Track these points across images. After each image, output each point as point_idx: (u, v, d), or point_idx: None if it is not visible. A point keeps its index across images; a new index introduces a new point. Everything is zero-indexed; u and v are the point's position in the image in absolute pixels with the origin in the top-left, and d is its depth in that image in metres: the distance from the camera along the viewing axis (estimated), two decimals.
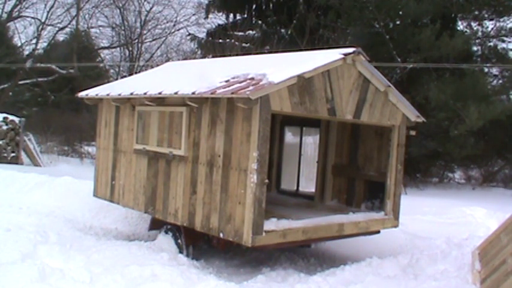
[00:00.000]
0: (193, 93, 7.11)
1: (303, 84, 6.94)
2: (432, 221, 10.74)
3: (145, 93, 7.98)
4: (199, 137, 7.41)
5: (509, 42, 18.47)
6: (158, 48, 33.47)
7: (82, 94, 9.58)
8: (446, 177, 20.49)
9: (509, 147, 18.62)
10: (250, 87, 6.58)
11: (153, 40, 32.82)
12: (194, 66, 9.35)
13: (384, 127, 8.42)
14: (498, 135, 17.35)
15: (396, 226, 8.56)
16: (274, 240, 6.98)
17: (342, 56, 7.30)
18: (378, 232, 8.44)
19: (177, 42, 33.21)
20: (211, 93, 6.85)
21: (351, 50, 7.44)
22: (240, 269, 7.74)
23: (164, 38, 32.45)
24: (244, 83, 6.93)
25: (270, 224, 6.96)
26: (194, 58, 23.06)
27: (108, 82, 16.20)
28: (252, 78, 7.00)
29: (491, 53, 18.36)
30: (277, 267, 7.61)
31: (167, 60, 27.69)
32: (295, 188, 10.17)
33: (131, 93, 8.27)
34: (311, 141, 10.06)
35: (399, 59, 17.17)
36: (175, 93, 7.41)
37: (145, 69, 27.57)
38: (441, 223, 10.54)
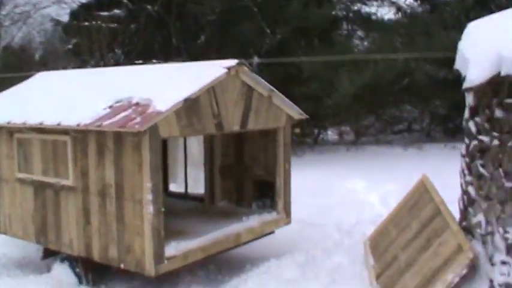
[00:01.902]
0: (77, 125, 6.80)
1: (189, 106, 6.81)
2: (318, 203, 11.02)
3: (24, 123, 7.55)
4: (88, 167, 7.13)
5: (372, 6, 19.12)
6: (19, 30, 31.53)
7: None
8: (321, 139, 21.18)
9: (378, 105, 19.42)
10: (138, 118, 6.38)
11: (13, 24, 30.83)
12: (69, 84, 8.90)
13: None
14: (369, 98, 17.99)
15: (289, 223, 8.73)
16: (176, 265, 6.92)
17: (226, 70, 7.20)
18: (273, 232, 8.58)
19: (39, 22, 31.38)
20: (98, 126, 6.58)
21: (232, 62, 7.36)
22: None
23: (24, 20, 30.53)
24: (129, 110, 6.71)
25: (170, 249, 6.87)
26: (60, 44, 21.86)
27: None
28: (137, 104, 6.79)
29: (356, 17, 18.91)
30: (180, 286, 7.57)
31: (29, 43, 26.24)
32: (183, 190, 10.09)
33: (8, 122, 7.78)
34: (195, 143, 9.98)
35: (269, 31, 17.29)
36: (58, 124, 7.05)
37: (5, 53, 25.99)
38: (327, 205, 10.85)
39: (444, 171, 13.13)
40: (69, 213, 7.46)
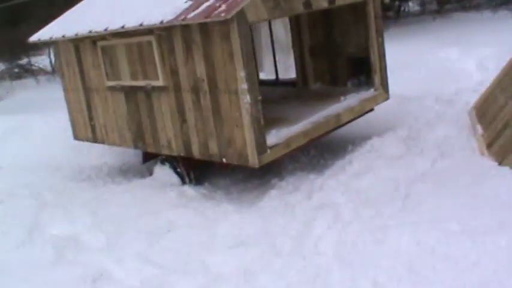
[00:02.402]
0: (161, 22, 6.46)
1: None
2: (413, 76, 10.47)
3: (106, 29, 7.27)
4: (176, 64, 6.84)
5: None
6: None
7: (33, 39, 8.75)
8: (403, 11, 20.17)
9: None
10: (223, 6, 5.97)
11: None
12: None
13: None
14: None
15: (387, 99, 8.28)
16: (280, 153, 6.68)
17: None
18: (372, 110, 8.18)
19: None
20: (182, 20, 6.22)
21: None
22: (247, 183, 7.48)
23: None
24: (212, 1, 6.30)
25: (272, 138, 6.62)
26: None
27: None
28: None
29: None
30: (284, 175, 7.36)
31: None
32: (274, 77, 9.73)
33: (90, 31, 7.52)
34: (281, 27, 9.52)
35: None
36: (140, 24, 6.73)
37: None
38: (423, 77, 10.28)
39: None
40: (163, 114, 7.27)
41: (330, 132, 7.46)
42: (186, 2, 6.56)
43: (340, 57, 8.69)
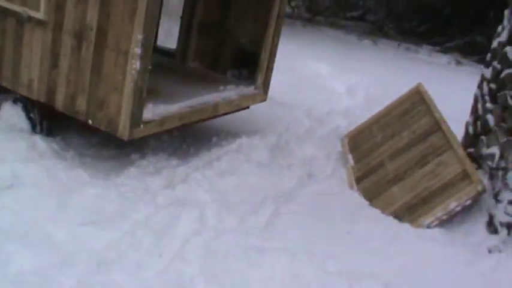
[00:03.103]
0: None
1: None
2: (284, 81, 10.16)
3: None
4: (66, 0, 5.95)
5: None
6: None
7: None
8: None
9: None
10: None
11: None
12: None
13: None
14: None
15: (265, 100, 7.93)
16: (151, 131, 6.06)
17: None
18: (248, 108, 7.77)
19: None
20: None
21: None
22: (103, 150, 6.71)
23: None
24: None
25: (147, 113, 5.95)
26: None
27: None
28: None
29: None
30: (145, 151, 6.70)
31: None
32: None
33: None
34: None
35: None
36: None
37: None
38: (293, 85, 10.04)
39: (403, 74, 12.71)
40: (32, 51, 6.31)
41: (204, 121, 6.95)
42: None
43: (227, 44, 8.17)
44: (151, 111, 6.05)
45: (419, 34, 19.93)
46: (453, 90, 11.28)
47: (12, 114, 6.59)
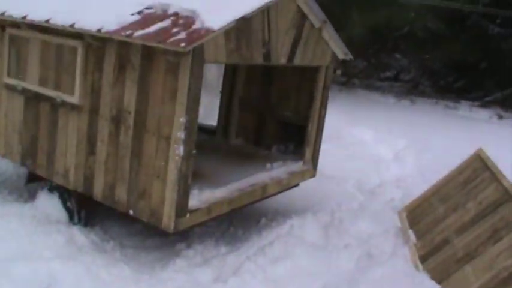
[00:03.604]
0: (99, 30, 5.12)
1: (241, 27, 5.22)
2: (328, 150, 9.62)
3: (24, 17, 5.80)
4: (101, 82, 5.50)
5: None
6: None
7: None
8: None
9: (375, 48, 18.07)
10: (182, 34, 4.75)
11: None
12: None
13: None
14: (370, 41, 16.49)
15: (314, 176, 7.32)
16: (199, 220, 5.47)
17: None
18: (297, 185, 7.16)
19: None
20: (127, 36, 4.92)
21: None
22: (146, 239, 6.14)
23: None
24: (167, 21, 5.06)
25: (193, 200, 5.38)
26: None
27: None
28: (177, 15, 5.14)
29: None
30: (191, 239, 6.12)
31: None
32: None
33: (2, 14, 6.01)
34: (214, 67, 8.34)
35: None
36: (72, 25, 5.34)
37: None
38: (340, 155, 9.46)
39: (447, 134, 12.05)
40: (68, 137, 5.86)
41: (254, 203, 6.35)
42: (133, 14, 5.28)
43: (271, 118, 7.65)
44: (197, 198, 5.49)
45: (456, 90, 19.32)
46: (501, 146, 10.61)
47: (48, 204, 6.10)
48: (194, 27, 4.84)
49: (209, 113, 8.46)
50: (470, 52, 17.89)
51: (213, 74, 8.52)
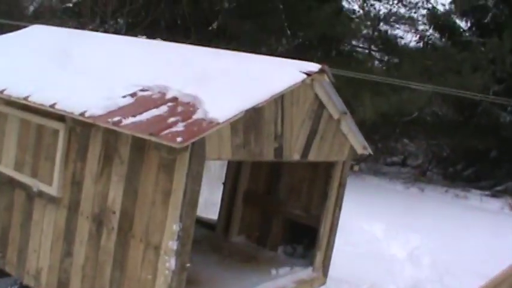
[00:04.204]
0: (82, 114, 4.26)
1: (250, 118, 4.36)
2: (338, 249, 8.66)
3: (1, 92, 4.97)
4: (83, 173, 4.61)
5: (398, 28, 16.82)
6: None
7: None
8: None
9: (383, 134, 17.35)
10: (180, 125, 3.89)
11: None
12: (72, 47, 6.19)
13: None
14: (380, 125, 15.75)
15: (324, 283, 6.32)
16: None
17: (305, 75, 4.74)
18: None
19: None
20: (114, 124, 4.06)
21: (314, 67, 4.90)
22: None
23: None
24: (163, 107, 4.21)
25: None
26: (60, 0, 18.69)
27: None
28: (176, 100, 4.29)
29: (381, 38, 16.57)
30: None
31: None
32: None
33: None
34: None
35: (289, 32, 14.78)
36: (52, 105, 4.49)
37: None
38: (349, 254, 8.42)
39: (461, 228, 11.09)
40: (43, 232, 4.94)
41: None
42: (124, 96, 4.43)
43: (278, 215, 6.71)
44: None
45: (466, 178, 18.42)
46: None
47: None
48: (195, 117, 3.98)
49: (209, 206, 7.50)
50: (480, 140, 17.14)
51: (216, 162, 7.64)
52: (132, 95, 4.48)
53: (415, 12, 17.97)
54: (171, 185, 4.02)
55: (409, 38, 18.00)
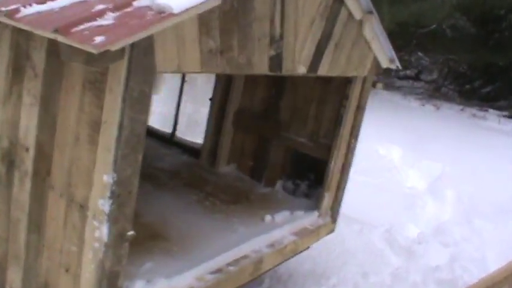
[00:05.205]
0: None
1: (231, 10, 2.71)
2: (350, 178, 7.19)
3: None
4: None
5: None
6: None
7: None
8: None
9: (398, 45, 15.48)
10: (108, 17, 2.26)
11: None
12: None
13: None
14: (396, 36, 13.90)
15: (333, 231, 4.83)
16: None
17: None
18: (307, 248, 4.65)
19: None
20: (7, 16, 2.41)
21: None
22: None
23: None
24: None
25: None
26: None
27: None
28: None
29: None
30: None
31: None
32: (170, 131, 5.90)
33: None
34: None
35: None
36: None
37: None
38: (362, 185, 6.86)
39: (482, 152, 9.58)
40: None
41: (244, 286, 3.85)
42: None
43: (277, 143, 5.12)
44: None
45: (483, 96, 16.70)
46: None
47: None
48: (136, 3, 2.34)
49: (193, 126, 5.91)
50: (501, 56, 15.30)
51: (202, 76, 6.02)
52: None
53: None
54: (101, 114, 2.43)
55: None
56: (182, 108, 5.74)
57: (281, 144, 5.07)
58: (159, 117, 6.40)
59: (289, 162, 5.05)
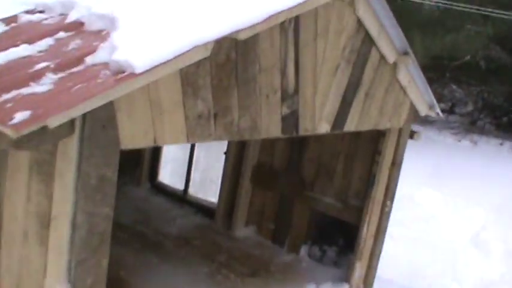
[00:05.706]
0: None
1: (226, 60, 2.04)
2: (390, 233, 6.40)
3: None
4: None
5: None
6: None
7: None
8: None
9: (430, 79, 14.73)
10: (46, 79, 1.60)
11: None
12: None
13: None
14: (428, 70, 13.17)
15: None
16: None
17: None
18: None
19: None
20: None
21: None
22: None
23: None
24: (48, 40, 1.92)
25: None
26: None
27: None
28: (78, 27, 1.97)
29: None
30: None
31: None
32: (182, 187, 5.19)
33: None
34: None
35: None
36: None
37: None
38: (400, 239, 6.10)
39: None
40: None
41: None
42: None
43: (301, 203, 4.38)
44: None
45: None
46: None
47: None
48: (90, 60, 1.68)
49: (207, 184, 5.21)
50: None
51: None
52: (7, 21, 2.19)
53: None
54: (50, 206, 1.77)
55: None
56: (195, 163, 5.05)
57: (305, 204, 4.34)
58: (172, 166, 5.74)
59: (315, 224, 4.31)
